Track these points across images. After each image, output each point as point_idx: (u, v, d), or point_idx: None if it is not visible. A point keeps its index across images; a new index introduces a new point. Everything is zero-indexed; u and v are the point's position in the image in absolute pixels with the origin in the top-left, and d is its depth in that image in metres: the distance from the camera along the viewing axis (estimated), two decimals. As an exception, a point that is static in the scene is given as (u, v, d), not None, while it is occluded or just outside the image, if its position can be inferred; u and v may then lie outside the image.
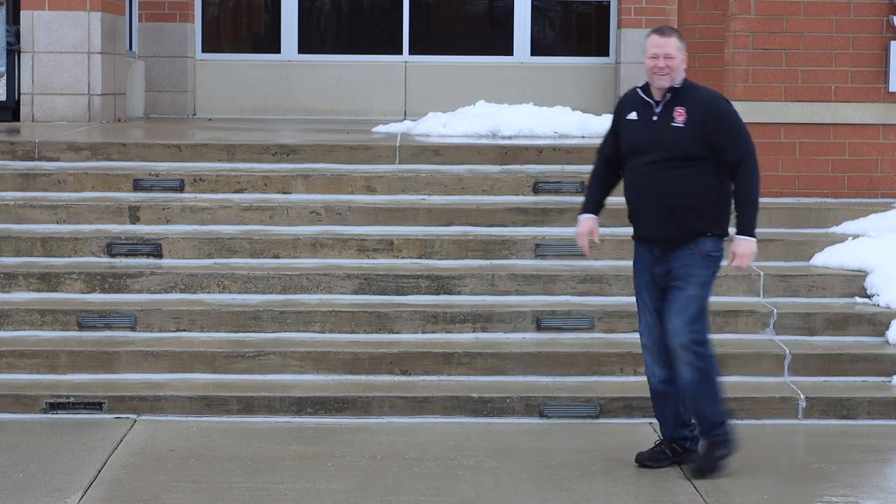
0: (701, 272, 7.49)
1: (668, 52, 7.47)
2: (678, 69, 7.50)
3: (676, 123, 7.46)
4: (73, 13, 13.54)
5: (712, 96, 7.57)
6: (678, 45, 7.51)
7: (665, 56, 7.47)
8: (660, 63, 7.48)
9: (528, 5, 16.86)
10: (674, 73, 7.49)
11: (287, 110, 16.53)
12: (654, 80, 7.51)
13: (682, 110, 7.46)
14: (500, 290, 9.70)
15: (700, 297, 7.51)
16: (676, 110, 7.47)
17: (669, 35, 7.54)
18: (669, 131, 7.47)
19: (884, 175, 10.79)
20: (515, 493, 7.31)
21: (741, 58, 10.75)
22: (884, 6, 10.67)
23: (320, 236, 10.11)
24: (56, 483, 7.32)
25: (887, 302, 9.58)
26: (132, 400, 8.69)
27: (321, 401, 8.72)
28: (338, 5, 17.34)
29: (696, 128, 7.41)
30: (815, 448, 8.38)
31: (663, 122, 7.49)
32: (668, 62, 7.47)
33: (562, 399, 8.76)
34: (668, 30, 7.60)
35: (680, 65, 7.50)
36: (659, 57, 7.48)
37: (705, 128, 7.41)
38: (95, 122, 13.56)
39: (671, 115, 7.47)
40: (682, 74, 7.53)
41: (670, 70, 7.48)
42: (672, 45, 7.48)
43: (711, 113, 7.45)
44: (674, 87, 7.51)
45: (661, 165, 7.47)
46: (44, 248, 9.97)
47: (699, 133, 7.41)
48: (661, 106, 7.52)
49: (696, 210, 7.44)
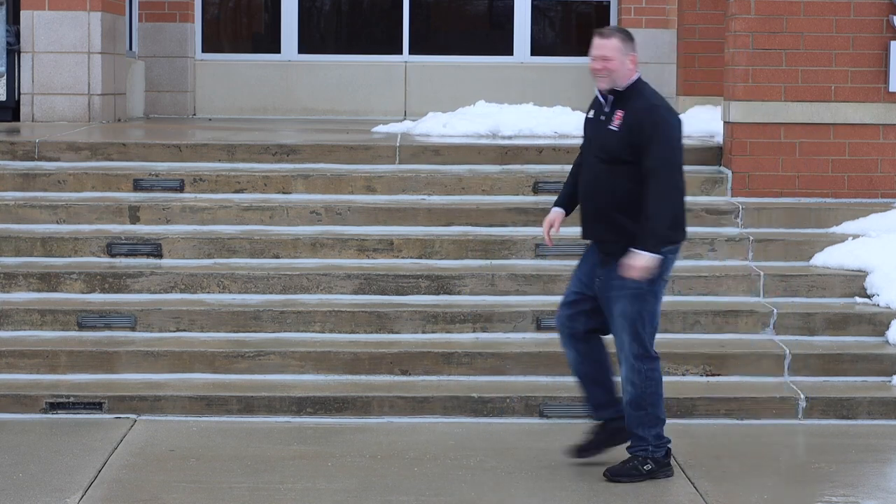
0: (635, 283, 7.37)
1: (605, 53, 7.40)
2: (619, 71, 7.41)
3: (612, 127, 7.42)
4: (73, 13, 13.54)
5: (651, 103, 7.42)
6: (619, 46, 7.41)
7: (602, 58, 7.42)
8: (597, 65, 7.44)
9: (528, 5, 16.86)
10: (614, 75, 7.42)
11: (287, 110, 16.54)
12: (596, 81, 7.49)
13: (620, 114, 7.41)
14: (500, 290, 9.70)
15: (635, 311, 7.42)
16: (616, 113, 7.43)
17: (609, 36, 7.46)
18: (606, 133, 7.44)
19: (884, 175, 10.79)
20: (515, 493, 7.31)
21: (741, 58, 10.74)
22: (884, 6, 10.67)
23: (320, 236, 10.11)
24: (56, 483, 7.32)
25: (887, 302, 9.58)
26: (132, 400, 8.69)
27: (321, 401, 8.72)
28: (338, 5, 17.35)
29: (628, 133, 7.35)
30: (815, 448, 8.38)
31: (605, 123, 7.47)
32: (605, 64, 7.40)
33: (562, 399, 8.76)
34: (610, 31, 7.52)
35: (621, 66, 7.40)
36: (597, 59, 7.44)
37: (633, 132, 7.33)
38: (95, 122, 13.56)
39: (612, 117, 7.44)
40: (628, 76, 7.45)
41: (609, 72, 7.41)
42: (610, 47, 7.41)
43: (643, 118, 7.34)
44: (617, 91, 7.46)
45: (599, 166, 7.47)
46: (44, 248, 9.97)
47: (629, 138, 7.34)
48: (608, 107, 7.51)
49: (627, 214, 7.35)
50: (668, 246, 7.41)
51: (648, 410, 7.49)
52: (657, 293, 7.50)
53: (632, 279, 7.33)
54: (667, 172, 7.29)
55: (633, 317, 7.43)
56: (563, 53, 17.03)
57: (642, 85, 7.50)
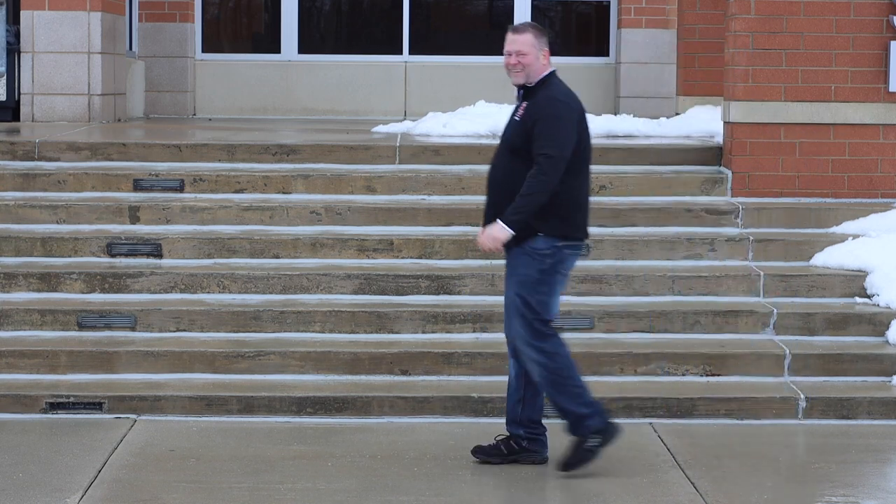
0: (525, 271, 7.45)
1: (520, 48, 7.47)
2: (533, 66, 7.47)
3: (517, 118, 7.51)
4: (73, 13, 13.54)
5: (551, 95, 7.48)
6: (532, 41, 7.47)
7: (517, 53, 7.47)
8: (512, 60, 7.50)
9: (528, 5, 16.86)
10: (528, 70, 7.48)
11: (287, 110, 16.53)
12: (510, 76, 7.54)
13: (525, 106, 7.51)
14: (500, 290, 9.64)
15: (525, 295, 7.46)
16: (522, 105, 7.52)
17: (523, 31, 7.52)
18: (511, 125, 7.55)
19: (884, 175, 10.79)
20: (516, 492, 7.31)
21: (741, 58, 10.74)
22: (884, 6, 10.67)
23: (320, 236, 10.11)
24: (56, 483, 7.32)
25: (887, 302, 9.58)
26: (132, 400, 8.69)
27: (321, 401, 8.72)
28: (338, 5, 17.34)
29: (525, 123, 7.43)
30: (815, 448, 8.38)
31: (513, 116, 7.57)
32: (519, 59, 7.47)
33: (562, 399, 8.75)
34: (523, 26, 7.58)
35: (535, 61, 7.47)
36: (511, 54, 7.49)
37: (529, 123, 7.40)
38: (95, 122, 13.56)
39: (518, 109, 7.54)
40: (540, 71, 7.50)
41: (523, 67, 7.47)
42: (524, 42, 7.46)
43: (539, 108, 7.42)
44: (528, 87, 7.51)
45: (504, 157, 7.54)
46: (44, 248, 9.97)
47: (525, 129, 7.41)
48: (519, 98, 7.60)
49: None
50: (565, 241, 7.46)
51: (567, 384, 7.50)
52: (550, 284, 7.51)
53: (522, 267, 7.43)
54: (549, 164, 7.33)
55: (519, 303, 7.47)
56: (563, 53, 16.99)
57: (553, 79, 7.56)
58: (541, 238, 7.45)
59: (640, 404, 8.72)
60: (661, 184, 10.74)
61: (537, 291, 7.48)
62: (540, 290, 7.48)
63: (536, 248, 7.45)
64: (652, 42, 16.47)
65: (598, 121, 12.31)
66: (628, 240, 10.17)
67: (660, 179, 10.76)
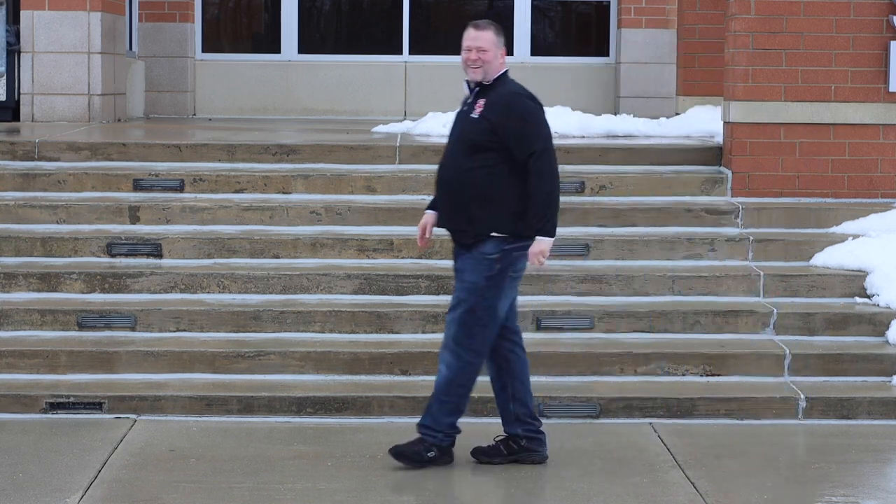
0: (472, 277, 7.48)
1: (481, 45, 7.50)
2: (492, 63, 7.51)
3: (474, 115, 7.51)
4: (73, 13, 13.54)
5: (512, 91, 7.53)
6: (493, 39, 7.52)
7: (478, 49, 7.50)
8: (472, 56, 7.51)
9: (528, 5, 16.86)
10: (487, 67, 7.51)
11: (287, 110, 16.53)
12: (468, 72, 7.56)
13: (482, 103, 7.51)
14: (500, 290, 9.68)
15: (472, 302, 7.48)
16: (479, 102, 7.52)
17: (485, 28, 7.56)
18: (468, 123, 7.53)
19: (884, 175, 10.79)
20: (515, 492, 7.31)
21: (741, 58, 10.74)
22: (884, 6, 10.67)
23: (320, 236, 10.11)
24: (56, 483, 7.32)
25: (887, 302, 9.58)
26: (132, 400, 8.69)
27: (321, 401, 8.72)
28: (338, 5, 17.34)
29: (488, 119, 7.43)
30: (815, 448, 8.38)
31: (467, 113, 7.56)
32: (480, 55, 7.49)
33: (562, 399, 8.76)
34: (485, 23, 7.62)
35: (494, 59, 7.51)
36: (472, 50, 7.51)
37: (493, 119, 7.41)
38: (95, 122, 13.56)
39: (474, 106, 7.53)
40: (498, 70, 7.54)
41: (483, 63, 7.50)
42: (486, 39, 7.51)
43: (504, 104, 7.44)
44: (484, 84, 7.52)
45: (459, 157, 7.53)
46: (44, 248, 9.97)
47: (489, 124, 7.42)
48: (472, 97, 7.59)
49: (478, 202, 7.42)
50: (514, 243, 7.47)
51: (453, 399, 7.57)
52: (498, 289, 7.52)
53: (469, 274, 7.45)
54: (545, 157, 7.40)
55: (465, 308, 7.49)
56: (563, 53, 17.03)
57: (508, 78, 7.60)
58: (490, 242, 7.45)
59: (640, 404, 8.72)
60: (661, 184, 10.74)
61: (484, 297, 7.50)
62: (487, 295, 7.50)
63: (485, 252, 7.46)
64: (652, 42, 16.47)
65: (598, 121, 12.32)
66: (628, 240, 10.17)
67: (660, 179, 10.76)
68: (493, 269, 7.46)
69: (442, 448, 7.64)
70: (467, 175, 7.46)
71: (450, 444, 7.69)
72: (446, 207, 7.61)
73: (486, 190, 7.42)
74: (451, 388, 7.57)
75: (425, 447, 7.62)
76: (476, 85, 7.57)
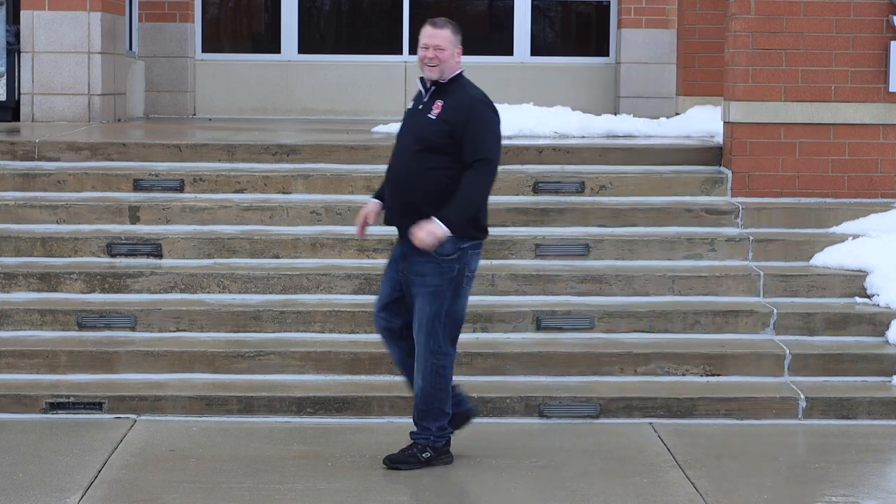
0: (434, 281, 7.48)
1: (439, 43, 7.50)
2: (449, 62, 7.52)
3: (431, 115, 7.50)
4: (73, 13, 13.54)
5: (474, 97, 7.53)
6: (451, 37, 7.52)
7: (435, 47, 7.50)
8: (429, 54, 7.52)
9: (528, 5, 16.86)
10: (443, 66, 7.52)
11: (287, 110, 16.53)
12: (424, 70, 7.58)
13: (440, 104, 7.51)
14: (500, 290, 9.69)
15: (433, 309, 7.50)
16: (436, 103, 7.52)
17: (443, 27, 7.56)
18: (424, 122, 7.53)
19: (884, 175, 10.79)
20: (515, 492, 7.31)
21: (741, 58, 10.74)
22: (884, 6, 10.67)
23: (320, 236, 10.11)
24: (56, 483, 7.32)
25: (887, 302, 9.58)
26: (132, 400, 8.69)
27: (321, 401, 8.72)
28: (338, 5, 17.34)
29: (447, 122, 7.43)
30: (815, 448, 8.38)
31: (423, 112, 7.56)
32: (437, 53, 7.50)
33: (562, 399, 8.76)
34: (443, 21, 7.61)
35: (451, 58, 7.51)
36: (429, 48, 7.52)
37: (452, 123, 7.42)
38: (95, 122, 13.56)
39: (430, 106, 7.53)
40: (454, 69, 7.55)
41: (440, 62, 7.51)
42: (443, 37, 7.51)
43: (465, 109, 7.45)
44: (441, 83, 7.53)
45: (411, 156, 7.53)
46: (44, 248, 9.97)
47: (448, 128, 7.42)
48: (427, 96, 7.59)
49: (435, 203, 7.42)
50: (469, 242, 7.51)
51: (435, 405, 7.61)
52: (458, 288, 7.55)
53: (432, 278, 7.44)
54: (487, 169, 7.44)
55: (430, 314, 7.51)
56: (563, 53, 17.03)
57: (464, 79, 7.61)
58: (448, 242, 7.45)
59: (640, 404, 8.72)
60: (661, 184, 10.74)
61: (447, 298, 7.52)
62: (449, 296, 7.52)
63: (444, 252, 7.47)
64: (652, 42, 16.47)
65: (598, 121, 12.32)
66: (628, 240, 10.17)
67: (660, 179, 10.76)
68: (454, 270, 7.50)
69: (437, 448, 7.65)
70: (422, 176, 7.47)
71: (445, 444, 7.69)
72: (398, 207, 7.58)
73: (442, 191, 7.43)
74: (430, 397, 7.61)
75: (419, 449, 7.63)
76: (432, 84, 7.58)
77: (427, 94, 7.60)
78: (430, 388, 7.59)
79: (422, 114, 7.57)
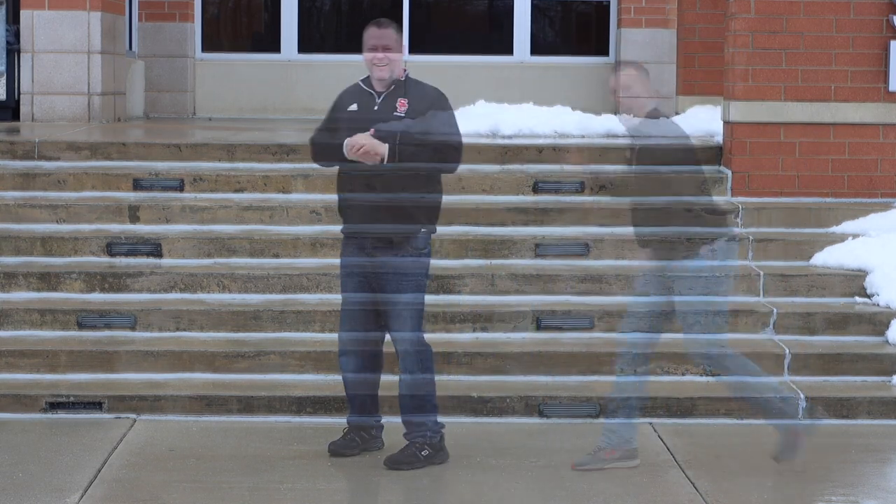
0: (419, 273, 7.56)
1: (387, 43, 7.64)
2: (397, 62, 7.64)
3: (398, 113, 7.55)
4: (73, 13, 13.53)
5: (436, 88, 7.67)
6: (396, 37, 7.67)
7: (384, 47, 7.60)
8: (378, 54, 7.58)
9: (528, 5, 16.86)
10: (393, 66, 7.63)
11: (287, 110, 16.52)
12: (374, 71, 7.65)
13: (404, 101, 7.58)
14: (500, 290, 9.69)
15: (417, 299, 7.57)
16: (399, 101, 7.58)
17: (387, 27, 7.70)
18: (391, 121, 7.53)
19: (884, 175, 10.79)
20: (515, 492, 7.31)
21: (741, 58, 10.74)
22: (884, 6, 10.67)
23: (320, 236, 10.10)
24: (56, 483, 7.32)
25: (887, 302, 9.58)
26: (132, 400, 8.69)
27: (321, 401, 8.72)
28: (338, 5, 17.34)
29: (420, 113, 7.50)
30: (815, 448, 8.37)
31: (384, 112, 7.58)
32: (387, 53, 7.58)
33: (562, 399, 8.76)
34: (386, 21, 7.75)
35: (398, 58, 7.63)
36: (378, 48, 7.58)
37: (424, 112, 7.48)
38: (95, 121, 13.56)
39: (393, 105, 7.57)
40: (401, 67, 7.64)
41: (389, 62, 7.59)
42: (390, 37, 7.66)
43: (433, 99, 7.57)
44: (398, 80, 7.59)
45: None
46: (44, 247, 9.97)
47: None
48: (382, 97, 7.61)
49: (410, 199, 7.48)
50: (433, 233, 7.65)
51: (426, 396, 7.63)
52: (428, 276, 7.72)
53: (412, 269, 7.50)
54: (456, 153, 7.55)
55: (416, 306, 7.57)
56: (563, 53, 17.03)
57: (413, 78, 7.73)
58: (421, 235, 7.55)
59: (640, 404, 8.70)
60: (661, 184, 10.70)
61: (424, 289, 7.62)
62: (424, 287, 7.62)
63: (419, 246, 7.57)
64: (652, 42, 16.47)
65: (598, 120, 12.30)
66: (628, 240, 10.15)
67: (659, 179, 10.73)
68: (427, 262, 7.62)
69: (434, 445, 7.65)
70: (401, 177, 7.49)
71: (440, 440, 7.69)
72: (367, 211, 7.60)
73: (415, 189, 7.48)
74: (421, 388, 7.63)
75: (417, 447, 7.63)
76: (392, 84, 7.58)
77: (382, 94, 7.62)
78: (421, 381, 7.62)
79: (383, 113, 7.58)
